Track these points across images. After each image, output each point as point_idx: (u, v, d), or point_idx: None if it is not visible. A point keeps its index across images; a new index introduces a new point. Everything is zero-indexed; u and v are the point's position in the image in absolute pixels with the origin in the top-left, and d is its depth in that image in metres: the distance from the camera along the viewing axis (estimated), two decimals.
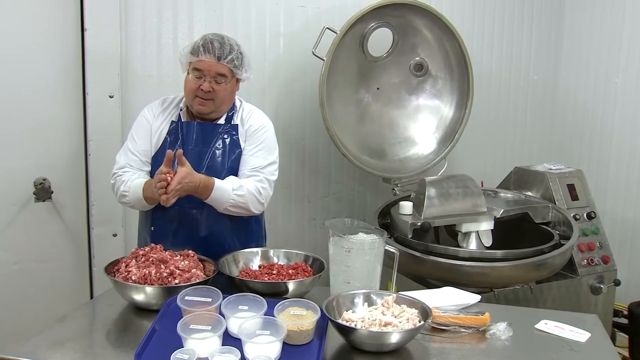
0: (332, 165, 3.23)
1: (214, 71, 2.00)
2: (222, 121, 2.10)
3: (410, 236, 2.41)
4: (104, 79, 2.58)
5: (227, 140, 2.08)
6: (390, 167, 3.08)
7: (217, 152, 2.06)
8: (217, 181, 1.94)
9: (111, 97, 2.58)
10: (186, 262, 1.75)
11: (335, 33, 2.71)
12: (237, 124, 2.11)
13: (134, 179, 2.01)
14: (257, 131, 2.10)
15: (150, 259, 1.73)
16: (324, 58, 2.69)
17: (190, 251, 1.84)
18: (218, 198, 1.94)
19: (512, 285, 2.38)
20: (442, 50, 3.03)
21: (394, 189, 3.00)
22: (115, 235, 2.68)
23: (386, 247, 1.78)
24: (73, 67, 2.58)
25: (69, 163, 2.64)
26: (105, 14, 2.56)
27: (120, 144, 2.59)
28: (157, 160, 2.04)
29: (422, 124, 3.17)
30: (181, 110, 2.11)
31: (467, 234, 2.47)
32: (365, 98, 3.10)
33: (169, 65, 2.70)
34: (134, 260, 1.76)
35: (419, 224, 2.41)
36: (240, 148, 2.07)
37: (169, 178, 1.81)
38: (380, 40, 2.99)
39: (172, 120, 2.09)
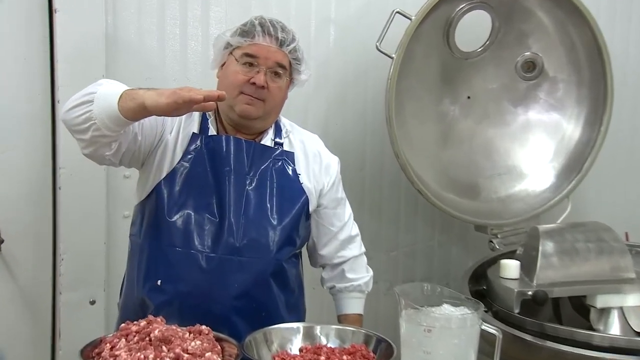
0: (403, 205, 3.26)
1: (273, 60, 2.11)
2: (266, 141, 2.20)
3: (517, 311, 2.38)
4: (83, 82, 2.57)
5: (283, 174, 2.18)
6: (486, 209, 3.10)
7: (268, 186, 2.15)
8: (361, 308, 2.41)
9: None
10: (198, 343, 1.76)
11: (410, 19, 2.74)
12: (293, 152, 2.23)
13: None
14: (337, 174, 2.33)
15: (148, 338, 1.75)
16: (393, 55, 2.72)
17: (203, 327, 1.85)
18: None
19: None
20: (566, 42, 3.05)
21: (491, 242, 3.00)
22: (93, 302, 2.73)
23: (483, 326, 1.77)
24: (37, 64, 2.66)
25: (28, 200, 2.71)
26: None
27: (106, 174, 2.68)
28: (171, 185, 2.11)
29: (533, 148, 3.18)
30: (207, 118, 2.18)
31: (605, 311, 2.43)
32: (451, 111, 3.14)
33: (175, 63, 2.80)
34: (123, 340, 1.75)
35: (530, 293, 2.38)
36: (303, 189, 2.21)
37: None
38: (474, 28, 3.03)
39: (192, 132, 2.15)
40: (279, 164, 2.19)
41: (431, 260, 3.34)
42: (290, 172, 2.20)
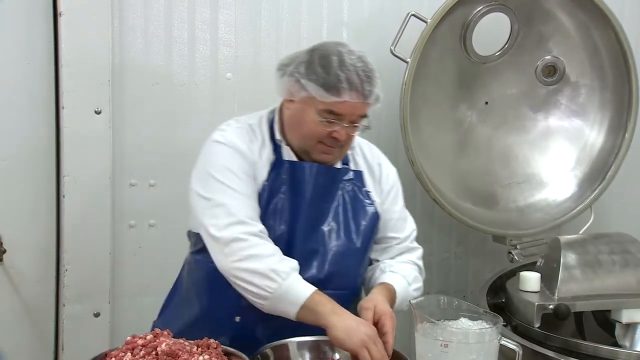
0: (417, 215, 3.16)
1: (358, 114, 2.02)
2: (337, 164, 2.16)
3: (537, 325, 2.37)
4: (88, 87, 2.66)
5: (353, 196, 2.16)
6: (504, 219, 3.09)
7: (344, 213, 2.13)
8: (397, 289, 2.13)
9: (98, 113, 2.66)
10: (206, 357, 1.77)
11: (425, 22, 2.74)
12: (361, 171, 2.20)
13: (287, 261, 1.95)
14: (396, 182, 2.31)
15: (154, 352, 1.75)
16: (408, 59, 2.73)
17: (212, 340, 1.84)
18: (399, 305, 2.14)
19: None
20: (588, 45, 3.05)
21: (510, 253, 3.00)
22: (97, 315, 2.74)
23: (502, 341, 1.77)
24: (41, 68, 2.67)
25: (31, 208, 2.72)
26: None
27: (111, 181, 2.68)
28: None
29: (554, 156, 3.18)
30: (279, 144, 2.10)
31: (630, 327, 2.42)
32: (468, 117, 3.13)
33: (183, 68, 2.80)
34: (128, 354, 1.76)
35: (551, 306, 2.38)
36: (376, 209, 2.18)
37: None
38: (492, 31, 3.02)
39: (271, 160, 2.08)
40: (350, 186, 2.16)
41: (448, 272, 3.33)
42: (362, 193, 2.18)
